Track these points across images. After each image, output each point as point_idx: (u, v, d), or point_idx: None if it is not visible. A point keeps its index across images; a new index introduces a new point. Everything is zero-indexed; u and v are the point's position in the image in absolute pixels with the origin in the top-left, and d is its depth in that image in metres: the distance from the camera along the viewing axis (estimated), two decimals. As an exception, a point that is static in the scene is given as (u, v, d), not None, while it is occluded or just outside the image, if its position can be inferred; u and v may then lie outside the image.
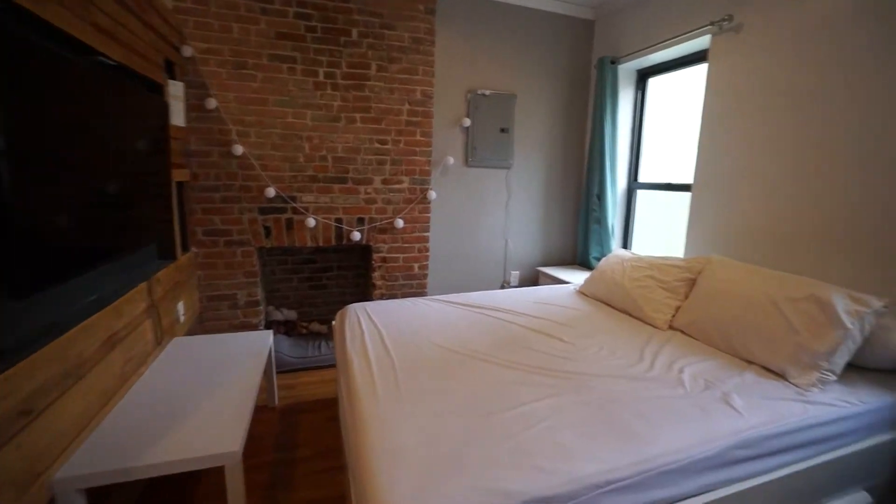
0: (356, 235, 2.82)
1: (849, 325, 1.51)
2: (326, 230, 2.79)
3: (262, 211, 2.66)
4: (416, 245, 3.03)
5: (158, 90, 2.11)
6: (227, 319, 2.72)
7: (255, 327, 2.77)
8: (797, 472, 1.32)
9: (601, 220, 3.34)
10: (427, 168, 2.96)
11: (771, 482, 1.27)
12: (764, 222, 2.22)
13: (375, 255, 2.94)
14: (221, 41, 2.46)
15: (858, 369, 1.61)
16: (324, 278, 3.25)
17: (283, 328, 3.01)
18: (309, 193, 2.73)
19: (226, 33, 2.46)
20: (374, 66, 2.75)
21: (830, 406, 1.41)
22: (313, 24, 2.60)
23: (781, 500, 1.31)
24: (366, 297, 3.20)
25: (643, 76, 3.31)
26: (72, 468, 1.21)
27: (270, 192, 2.61)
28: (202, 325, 2.66)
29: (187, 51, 2.38)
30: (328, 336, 3.07)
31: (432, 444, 1.13)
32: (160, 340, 1.96)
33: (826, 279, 1.82)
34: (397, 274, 3.02)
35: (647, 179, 3.37)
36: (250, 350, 2.03)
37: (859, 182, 1.84)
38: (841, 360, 1.51)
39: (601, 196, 3.32)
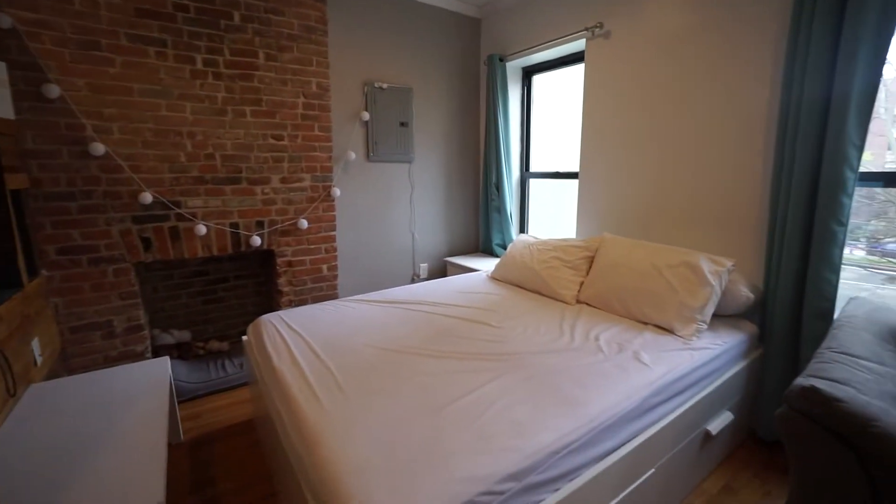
0: (256, 240, 2.57)
1: (713, 283, 1.86)
2: (221, 237, 2.50)
3: (138, 220, 2.27)
4: (323, 245, 2.88)
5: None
6: (103, 352, 2.28)
7: (140, 356, 2.37)
8: (690, 408, 1.59)
9: (500, 208, 3.55)
10: (328, 164, 2.82)
11: (674, 420, 1.51)
12: (639, 203, 2.59)
13: (279, 260, 2.72)
14: (57, 13, 2.01)
15: (717, 317, 1.98)
16: (219, 290, 2.90)
17: (177, 352, 2.62)
18: (196, 197, 2.41)
19: (63, 3, 2.02)
20: (262, 55, 2.51)
21: (706, 349, 1.73)
22: (184, 2, 2.27)
23: (681, 432, 1.57)
24: (270, 306, 2.95)
25: (528, 73, 3.57)
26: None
27: (146, 197, 2.24)
28: (67, 363, 2.19)
29: (5, 20, 1.90)
30: (230, 354, 2.77)
31: (395, 449, 1.10)
32: (13, 391, 1.57)
33: (691, 247, 2.21)
34: (305, 278, 2.84)
35: (537, 169, 3.67)
36: (143, 384, 1.74)
37: (709, 166, 2.25)
38: (709, 311, 1.86)
39: (499, 185, 3.52)
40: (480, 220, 3.79)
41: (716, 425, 1.71)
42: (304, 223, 2.72)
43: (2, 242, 1.72)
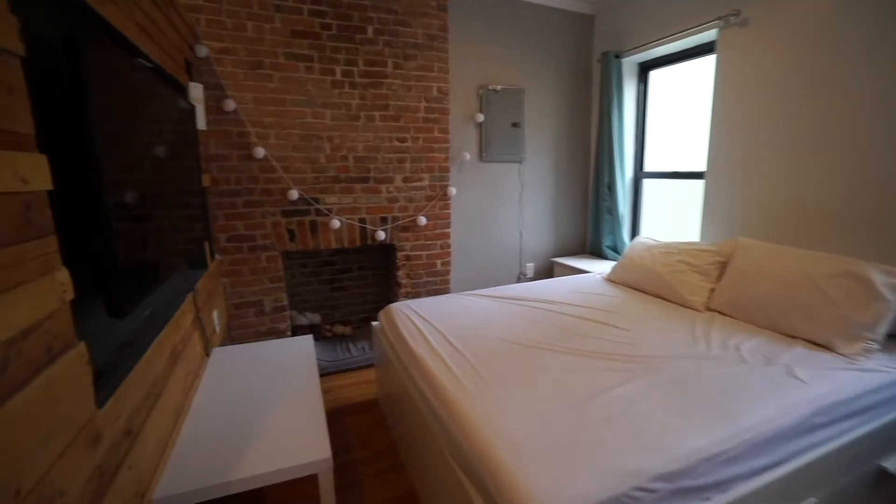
0: (381, 235, 2.79)
1: (889, 297, 1.63)
2: (351, 231, 2.76)
3: (286, 214, 2.60)
4: (438, 242, 3.03)
5: (183, 93, 2.03)
6: (254, 326, 2.65)
7: (282, 333, 2.71)
8: (860, 437, 1.42)
9: (612, 209, 3.44)
10: (446, 164, 2.96)
11: (840, 447, 1.36)
12: (783, 205, 2.34)
13: (399, 254, 2.93)
14: (236, 40, 2.38)
15: (893, 337, 1.73)
16: (344, 280, 3.20)
17: (309, 332, 2.95)
18: (332, 194, 2.69)
19: (240, 32, 2.38)
20: (390, 64, 2.72)
21: (880, 372, 1.52)
22: (328, 21, 2.55)
23: (849, 464, 1.40)
24: (388, 296, 3.18)
25: (645, 69, 3.41)
26: (167, 488, 1.17)
27: (293, 194, 2.55)
28: (230, 333, 2.58)
29: (202, 50, 2.29)
30: (353, 338, 3.04)
31: (544, 434, 1.15)
32: (207, 351, 1.90)
33: (845, 253, 1.95)
34: (421, 271, 3.01)
35: (652, 169, 3.48)
36: (296, 356, 1.99)
37: (869, 162, 1.97)
38: (883, 329, 1.63)
39: (612, 186, 3.41)
40: (590, 221, 3.70)
41: (894, 463, 1.50)
42: (422, 220, 2.89)
43: (198, 231, 2.09)
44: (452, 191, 2.97)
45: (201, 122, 2.23)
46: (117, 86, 1.08)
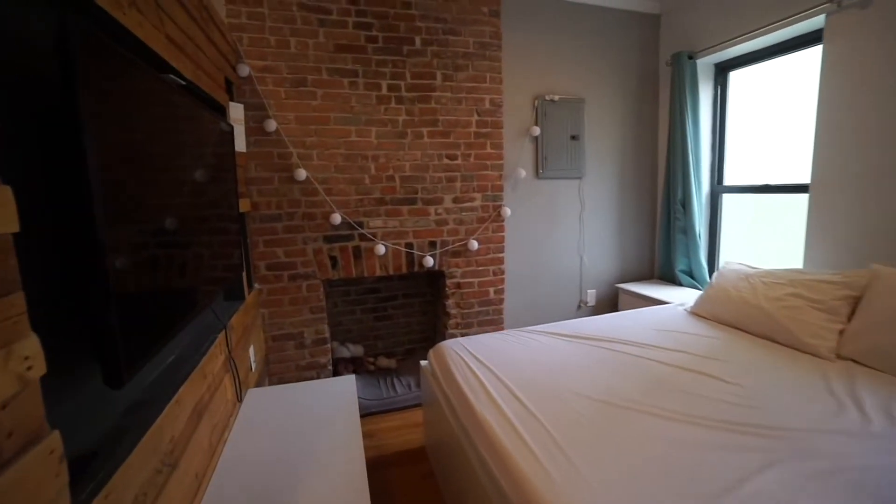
0: (429, 261, 2.55)
1: None
2: (397, 257, 2.53)
3: (328, 240, 2.41)
4: (491, 268, 2.75)
5: (222, 112, 1.89)
6: (294, 360, 2.46)
7: (323, 367, 2.50)
8: None
9: (687, 229, 3.02)
10: (499, 183, 2.69)
11: None
12: (926, 223, 1.88)
13: (448, 282, 2.66)
14: (279, 57, 2.25)
15: None
16: (389, 308, 2.98)
17: (351, 366, 2.73)
18: (377, 218, 2.48)
19: (283, 49, 2.25)
20: (439, 76, 2.51)
21: None
22: (374, 33, 2.38)
23: None
24: (436, 326, 2.92)
25: (722, 70, 3.02)
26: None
27: (336, 218, 2.37)
28: (269, 367, 2.40)
29: (244, 69, 2.18)
30: (398, 371, 2.79)
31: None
32: (240, 396, 1.70)
33: None
34: (472, 300, 2.73)
35: (734, 182, 3.05)
36: (336, 401, 1.75)
37: None
38: None
39: (686, 203, 3.01)
40: (659, 243, 3.29)
41: None
42: (474, 244, 2.62)
43: (235, 259, 1.93)
44: (507, 211, 2.69)
45: (241, 144, 2.09)
46: (128, 101, 0.90)
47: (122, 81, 0.88)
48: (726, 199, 3.10)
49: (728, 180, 3.09)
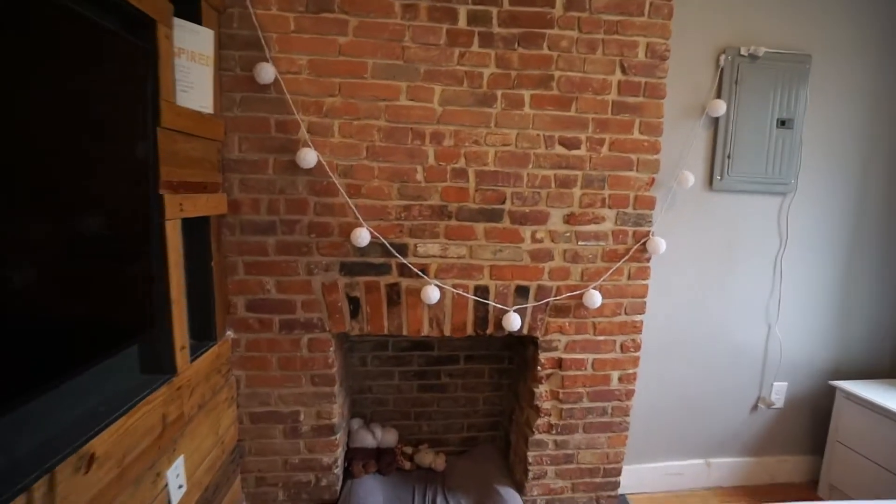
0: (514, 321, 1.47)
1: None
2: (460, 308, 1.49)
3: (347, 269, 1.45)
4: (620, 338, 1.59)
5: (146, 33, 1.00)
6: (282, 453, 1.54)
7: (327, 469, 1.55)
8: None
9: None
10: (648, 195, 1.53)
11: None
12: None
13: (544, 356, 1.56)
14: (291, -38, 1.33)
15: None
16: (443, 374, 1.94)
17: (375, 463, 1.75)
18: (431, 240, 1.46)
19: (300, -51, 1.33)
20: (559, 1, 1.42)
21: None
22: (453, -77, 1.37)
23: None
24: (512, 413, 1.84)
25: None
26: None
27: (363, 236, 1.39)
28: (242, 461, 1.50)
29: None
30: (445, 477, 1.75)
31: None
32: None
33: None
34: (580, 389, 1.60)
35: None
36: None
37: None
38: None
39: None
40: None
41: None
42: (595, 297, 1.49)
43: (157, 303, 1.02)
44: (659, 245, 1.52)
45: (201, 97, 1.20)
46: None
47: None
48: None
49: None
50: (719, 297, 1.84)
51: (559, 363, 1.57)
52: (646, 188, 1.53)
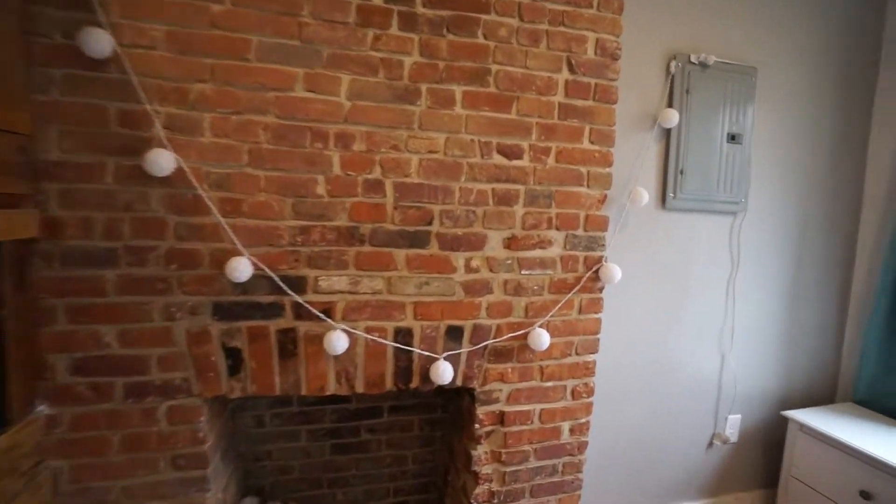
0: (445, 372, 1.17)
1: None
2: (375, 358, 1.17)
3: (223, 312, 1.08)
4: (570, 383, 1.35)
5: None
6: (131, 566, 1.11)
7: None
8: None
9: (949, 324, 1.56)
10: (600, 214, 1.32)
11: None
12: None
13: (482, 411, 1.28)
14: None
15: None
16: (362, 430, 1.59)
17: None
18: (338, 271, 1.13)
19: None
20: (497, -17, 1.18)
21: None
22: None
23: None
24: (446, 473, 1.53)
25: None
26: None
27: (243, 267, 1.04)
28: None
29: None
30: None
31: None
32: None
33: None
34: (527, 447, 1.33)
35: None
36: None
37: None
38: None
39: (952, 275, 1.55)
40: (868, 343, 1.79)
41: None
42: (542, 337, 1.23)
43: None
44: (614, 272, 1.30)
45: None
46: None
47: None
48: None
49: None
50: (674, 327, 1.66)
51: (501, 418, 1.29)
52: (597, 206, 1.31)
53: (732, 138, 1.63)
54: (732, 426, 1.79)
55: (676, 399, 1.71)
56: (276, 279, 1.08)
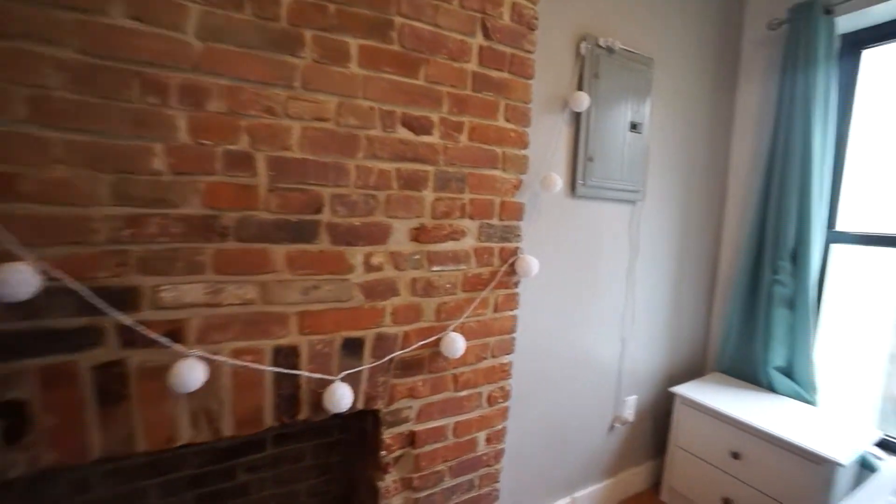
0: (343, 396, 0.94)
1: None
2: (247, 388, 0.89)
3: (-6, 346, 0.72)
4: (487, 389, 1.22)
5: None
6: None
7: None
8: None
9: (796, 299, 1.78)
10: (515, 200, 1.19)
11: None
12: None
13: (389, 434, 1.08)
14: None
15: None
16: (238, 471, 1.28)
17: None
18: (188, 276, 0.83)
19: None
20: (398, -85, 0.96)
21: None
22: None
23: None
24: (348, 511, 1.31)
25: (852, 45, 1.84)
26: None
27: (25, 276, 0.69)
28: None
29: None
30: None
31: None
32: None
33: None
34: (441, 467, 1.17)
35: (851, 226, 1.87)
36: None
37: None
38: None
39: (800, 256, 1.77)
40: (729, 318, 1.97)
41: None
42: (457, 342, 1.07)
43: None
44: (531, 265, 1.19)
45: None
46: None
47: None
48: (837, 251, 1.92)
49: (844, 224, 1.91)
50: (583, 317, 1.64)
51: (411, 439, 1.11)
52: (512, 192, 1.19)
53: (634, 127, 1.64)
54: (630, 407, 1.86)
55: (582, 388, 1.70)
56: (87, 292, 0.74)
